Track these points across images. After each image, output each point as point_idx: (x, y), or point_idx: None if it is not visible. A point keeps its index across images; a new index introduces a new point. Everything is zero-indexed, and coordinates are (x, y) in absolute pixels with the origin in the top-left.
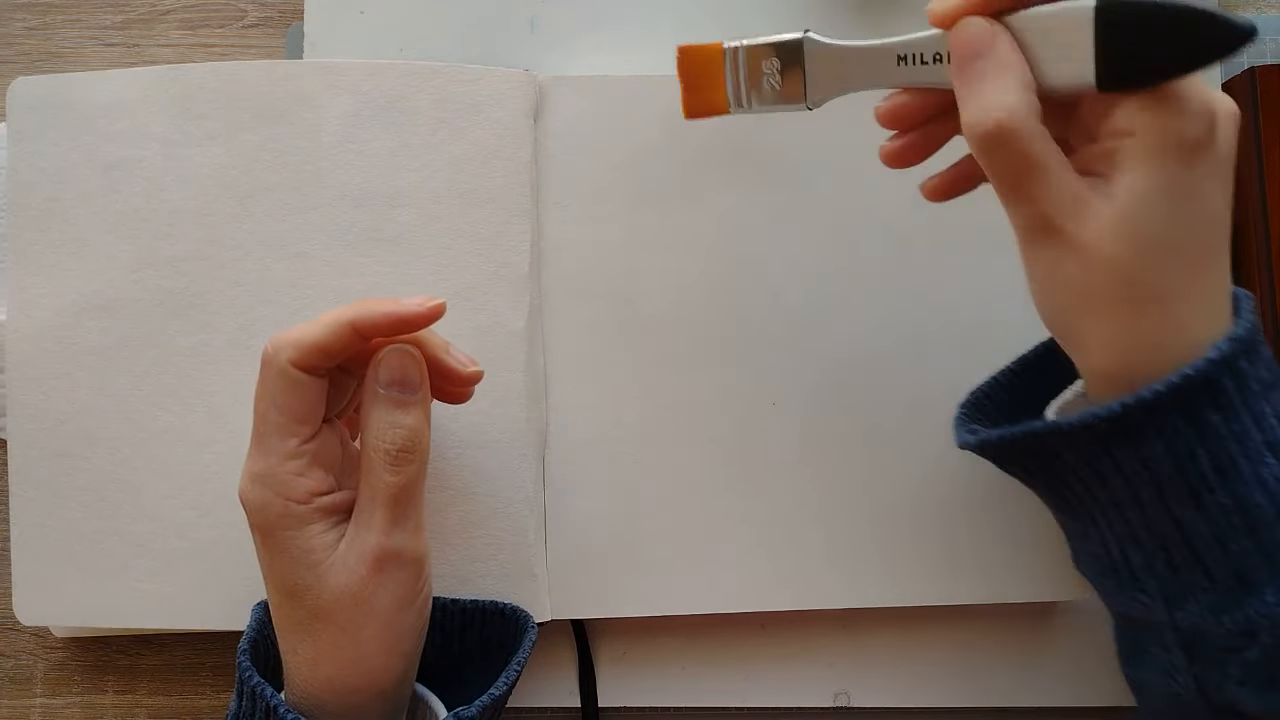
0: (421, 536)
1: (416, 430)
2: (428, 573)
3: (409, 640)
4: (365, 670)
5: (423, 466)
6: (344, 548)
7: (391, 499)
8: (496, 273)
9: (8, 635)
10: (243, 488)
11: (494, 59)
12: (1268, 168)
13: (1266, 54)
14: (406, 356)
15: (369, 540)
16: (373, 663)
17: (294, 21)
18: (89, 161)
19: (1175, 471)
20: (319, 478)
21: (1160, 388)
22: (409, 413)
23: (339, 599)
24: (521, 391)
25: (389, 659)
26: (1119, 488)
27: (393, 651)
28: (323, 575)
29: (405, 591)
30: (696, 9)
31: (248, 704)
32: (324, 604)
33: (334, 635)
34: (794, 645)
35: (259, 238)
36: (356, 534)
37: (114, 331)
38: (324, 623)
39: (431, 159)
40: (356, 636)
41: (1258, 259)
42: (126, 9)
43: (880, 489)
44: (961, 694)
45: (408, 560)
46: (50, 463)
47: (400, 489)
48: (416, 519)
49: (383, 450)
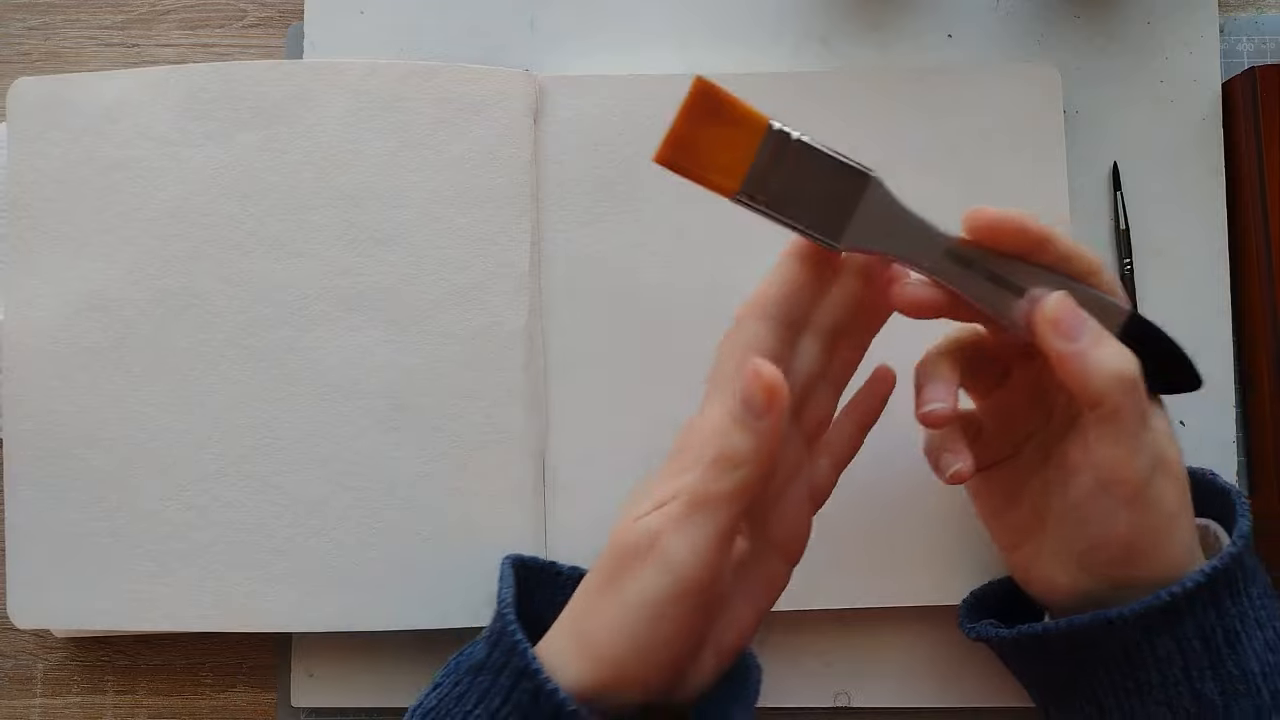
0: (701, 563)
1: (741, 452)
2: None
3: (635, 651)
4: (594, 631)
5: (734, 493)
6: (657, 515)
7: (687, 499)
8: (496, 273)
9: (8, 635)
10: None
11: (494, 59)
12: (1268, 168)
13: (1267, 54)
14: (756, 377)
15: (657, 522)
16: (600, 630)
17: (294, 21)
18: (89, 161)
19: (1203, 649)
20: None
21: (1199, 578)
22: (743, 433)
23: (622, 546)
24: (521, 391)
25: (610, 646)
26: (1149, 670)
27: (615, 644)
28: (639, 517)
29: (652, 601)
30: (696, 9)
31: (500, 657)
32: (616, 541)
33: (604, 575)
34: (794, 645)
35: (259, 238)
36: (663, 512)
37: (112, 331)
38: (605, 557)
39: (431, 159)
40: (605, 594)
41: (1258, 259)
42: (126, 9)
43: (880, 489)
44: (961, 694)
45: (671, 571)
46: (47, 463)
47: (698, 496)
48: (704, 542)
49: (705, 445)
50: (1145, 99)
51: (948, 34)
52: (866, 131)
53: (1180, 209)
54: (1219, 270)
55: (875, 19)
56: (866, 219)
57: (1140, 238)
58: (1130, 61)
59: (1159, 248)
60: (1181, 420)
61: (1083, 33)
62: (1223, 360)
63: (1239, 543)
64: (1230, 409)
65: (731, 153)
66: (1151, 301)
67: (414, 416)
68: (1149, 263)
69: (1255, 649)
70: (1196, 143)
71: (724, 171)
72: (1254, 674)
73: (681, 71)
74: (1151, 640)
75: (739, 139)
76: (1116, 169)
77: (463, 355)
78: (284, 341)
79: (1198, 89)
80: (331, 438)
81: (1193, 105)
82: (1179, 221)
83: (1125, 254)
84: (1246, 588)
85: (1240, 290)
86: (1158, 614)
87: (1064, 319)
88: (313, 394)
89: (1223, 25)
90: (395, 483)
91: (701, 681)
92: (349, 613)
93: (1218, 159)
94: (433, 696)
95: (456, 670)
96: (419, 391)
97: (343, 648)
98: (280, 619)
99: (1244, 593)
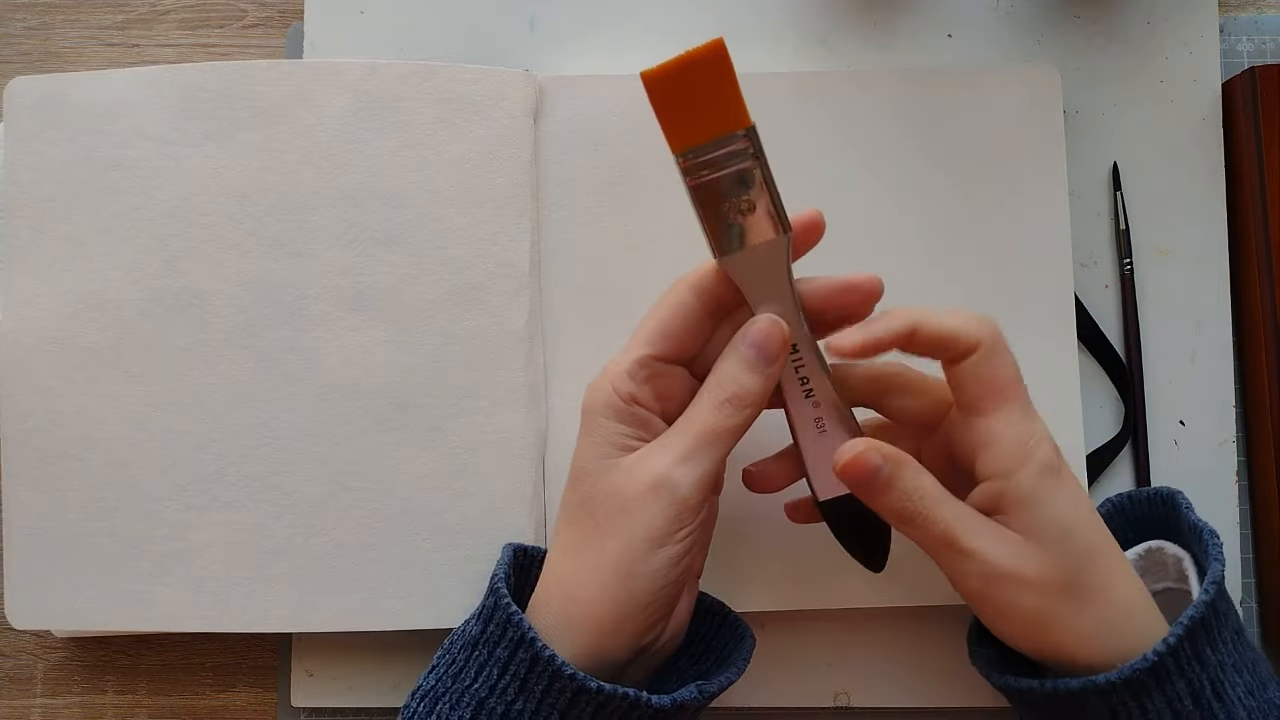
0: (704, 489)
1: (754, 393)
2: (691, 535)
3: (643, 584)
4: (591, 584)
5: (738, 428)
6: (635, 457)
7: (698, 434)
8: (496, 273)
9: (8, 635)
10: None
11: (494, 59)
12: (1268, 168)
13: (1267, 54)
14: (777, 328)
15: (659, 461)
16: (600, 579)
17: (294, 21)
18: (87, 161)
19: (1194, 706)
20: (648, 394)
21: (1179, 631)
22: (754, 376)
23: (608, 496)
24: (521, 391)
25: (616, 589)
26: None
27: (624, 582)
28: (607, 469)
29: (661, 529)
30: (696, 9)
31: (496, 630)
32: (595, 494)
33: (586, 531)
34: (794, 645)
35: (258, 238)
36: (653, 451)
37: (111, 331)
38: (586, 513)
39: (431, 159)
40: (602, 544)
41: (1258, 259)
42: (126, 9)
43: None
44: (961, 694)
45: (679, 499)
46: (46, 463)
47: (710, 429)
48: (709, 471)
49: (715, 390)
50: (1145, 99)
51: (948, 34)
52: (867, 131)
53: (1180, 209)
54: (1219, 270)
55: (875, 19)
56: (754, 261)
57: (1140, 238)
58: (1130, 61)
59: (1159, 248)
60: (1181, 420)
61: (1083, 33)
62: (1223, 360)
63: (1210, 589)
64: (1230, 409)
65: (701, 121)
66: (1151, 301)
67: (414, 416)
68: (1149, 263)
69: (1239, 696)
70: (1196, 143)
71: (684, 129)
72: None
73: None
74: (1142, 704)
75: (716, 117)
76: (1116, 169)
77: (463, 355)
78: (284, 341)
79: (1198, 89)
80: (331, 438)
81: (1193, 105)
82: (1179, 221)
83: (1125, 254)
84: (1221, 633)
85: (1240, 290)
86: (1146, 675)
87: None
88: (313, 394)
89: (1223, 25)
90: (395, 483)
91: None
92: (349, 613)
93: (1218, 159)
94: (430, 677)
95: (451, 648)
96: (419, 391)
97: (343, 648)
98: (280, 619)
99: (1218, 639)
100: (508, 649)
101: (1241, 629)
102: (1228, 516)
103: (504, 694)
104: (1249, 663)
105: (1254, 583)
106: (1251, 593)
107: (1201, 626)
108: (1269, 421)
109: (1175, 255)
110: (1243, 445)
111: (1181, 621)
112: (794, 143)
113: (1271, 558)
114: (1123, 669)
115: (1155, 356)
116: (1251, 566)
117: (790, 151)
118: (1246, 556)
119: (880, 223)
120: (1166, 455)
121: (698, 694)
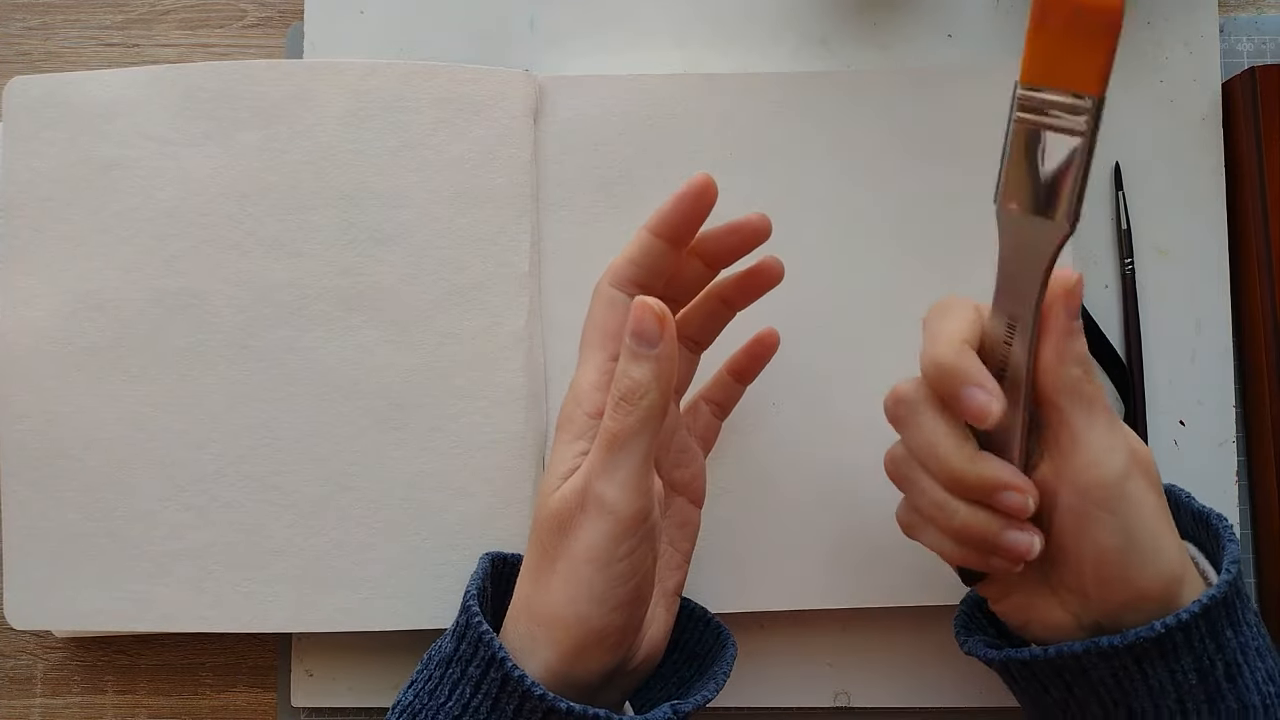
0: (633, 497)
1: (641, 383)
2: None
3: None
4: (547, 607)
5: (644, 422)
6: (575, 475)
7: (603, 442)
8: (496, 273)
9: (8, 635)
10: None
11: (494, 59)
12: (1268, 168)
13: (1267, 54)
14: (647, 309)
15: (582, 476)
16: (554, 599)
17: (294, 21)
18: (86, 161)
19: (1199, 682)
20: None
21: (1195, 609)
22: (640, 365)
23: (550, 517)
24: (521, 391)
25: (566, 613)
26: (1142, 699)
27: (571, 605)
28: (555, 489)
29: (598, 548)
30: (696, 9)
31: (468, 649)
32: (541, 516)
33: (540, 552)
34: (794, 645)
35: (257, 238)
36: (582, 468)
37: (110, 331)
38: (538, 535)
39: (431, 159)
40: (551, 565)
41: (1258, 259)
42: (126, 9)
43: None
44: (961, 694)
45: (608, 513)
46: (45, 464)
47: (612, 435)
48: (630, 476)
49: (612, 390)
50: (1145, 99)
51: (948, 34)
52: (867, 131)
53: (1180, 209)
54: (1219, 270)
55: (875, 19)
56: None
57: (1140, 237)
58: (1130, 61)
59: (1159, 247)
60: (1181, 420)
61: None
62: (1223, 360)
63: (1233, 569)
64: (1230, 409)
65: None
66: (1151, 301)
67: (414, 416)
68: (1149, 262)
69: (1257, 681)
70: (1196, 143)
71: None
72: (1255, 707)
73: (681, 71)
74: (1144, 670)
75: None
76: (1118, 169)
77: (463, 355)
78: (283, 341)
79: (1198, 89)
80: (331, 438)
81: (1193, 105)
82: (1179, 221)
83: (1126, 254)
84: (1244, 615)
85: (1240, 290)
86: (1151, 645)
87: (1078, 295)
88: (312, 394)
89: (1223, 25)
90: (395, 483)
91: (657, 635)
92: (349, 613)
93: (1218, 159)
94: (409, 693)
95: (428, 664)
96: (419, 391)
97: (343, 648)
98: (279, 619)
99: (1243, 621)
100: (480, 668)
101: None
102: (1228, 516)
103: (477, 712)
104: (1271, 648)
105: (1254, 583)
106: (1251, 592)
107: (1223, 605)
108: (1269, 421)
109: (1175, 255)
110: (1243, 445)
111: (1200, 600)
112: (794, 143)
113: (1271, 557)
114: (1127, 634)
115: (1155, 356)
116: (1251, 566)
117: (790, 151)
118: (1246, 556)
119: (881, 223)
120: (1166, 455)
121: (671, 714)
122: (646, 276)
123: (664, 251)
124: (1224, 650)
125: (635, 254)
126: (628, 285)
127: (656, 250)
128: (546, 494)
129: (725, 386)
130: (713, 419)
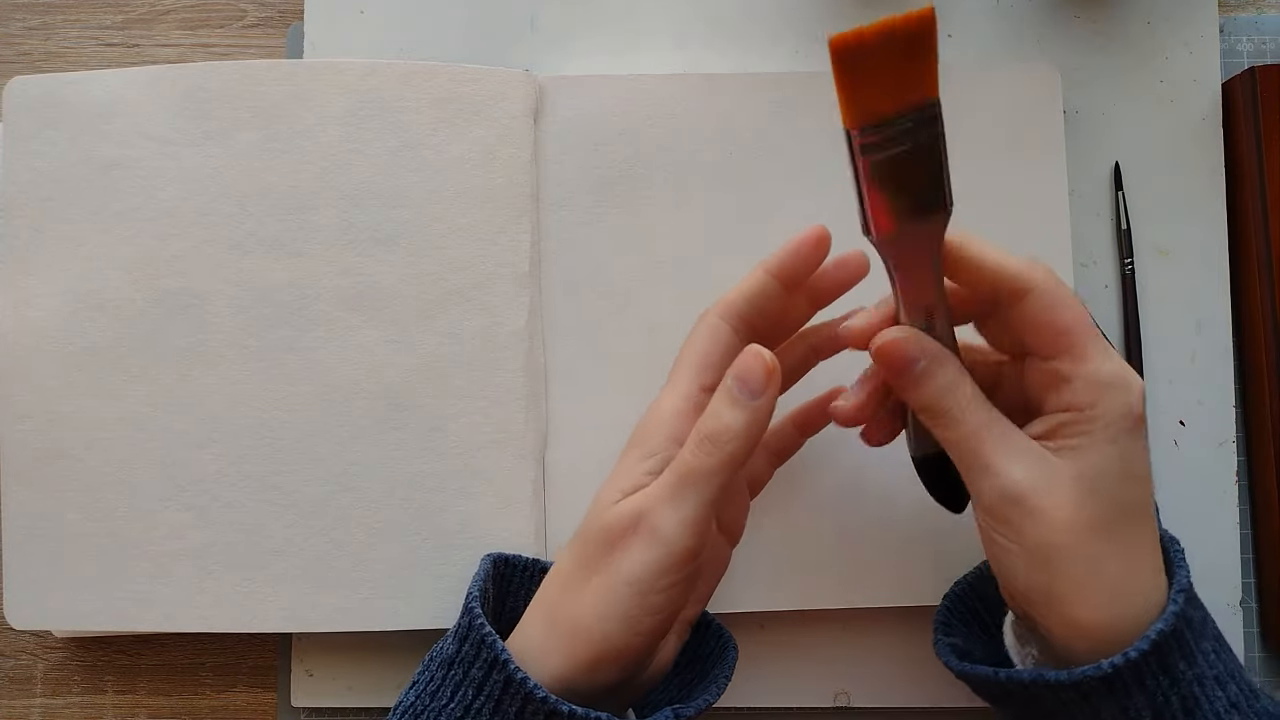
0: (690, 535)
1: (731, 429)
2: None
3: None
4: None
5: (723, 466)
6: (637, 495)
7: (677, 474)
8: (496, 273)
9: (8, 635)
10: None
11: (494, 59)
12: (1268, 168)
13: (1266, 54)
14: (759, 359)
15: (645, 499)
16: (582, 611)
17: (294, 21)
18: (86, 161)
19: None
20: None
21: (1144, 646)
22: (736, 411)
23: (602, 530)
24: (521, 391)
25: (591, 629)
26: None
27: (599, 624)
28: (614, 502)
29: (643, 575)
30: (696, 9)
31: (470, 650)
32: (593, 527)
33: (578, 561)
34: (794, 645)
35: (258, 238)
36: (646, 490)
37: (110, 331)
38: (583, 542)
39: (431, 159)
40: (588, 577)
41: (1258, 259)
42: (126, 9)
43: (880, 489)
44: (961, 694)
45: (661, 544)
46: (45, 464)
47: (688, 469)
48: (693, 514)
49: (698, 426)
50: (1145, 99)
51: (948, 34)
52: None
53: (1180, 209)
54: (1219, 270)
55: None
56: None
57: (1140, 237)
58: (1130, 61)
59: (1159, 248)
60: (1181, 420)
61: (1083, 33)
62: (1223, 360)
63: (1179, 599)
64: (1230, 409)
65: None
66: (1151, 301)
67: (414, 416)
68: (1149, 263)
69: (1217, 711)
70: (1196, 143)
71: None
72: None
73: (681, 71)
74: (1094, 705)
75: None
76: (1118, 169)
77: (463, 355)
78: (284, 341)
79: (1198, 89)
80: (331, 438)
81: (1193, 105)
82: (1179, 221)
83: (1126, 254)
84: (1198, 644)
85: (1240, 290)
86: (1099, 683)
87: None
88: (312, 394)
89: (1223, 25)
90: (395, 483)
91: (665, 657)
92: (349, 613)
93: (1218, 159)
94: (411, 693)
95: (430, 666)
96: (419, 391)
97: (343, 648)
98: (279, 619)
99: (1197, 650)
100: (482, 670)
101: (1222, 639)
102: (1228, 516)
103: (479, 714)
104: (1232, 672)
105: (1254, 583)
106: (1251, 593)
107: (1173, 639)
108: (1269, 421)
109: (1175, 255)
110: (1243, 445)
111: (1148, 635)
112: (794, 143)
113: (1271, 558)
114: (1074, 672)
115: (1155, 357)
116: (1251, 567)
117: (790, 152)
118: (1246, 556)
119: None
120: (1166, 455)
121: (673, 718)
122: (756, 315)
123: (778, 293)
124: (1179, 684)
125: (751, 291)
126: (736, 320)
127: (771, 291)
128: (603, 505)
129: (786, 436)
130: (766, 465)
